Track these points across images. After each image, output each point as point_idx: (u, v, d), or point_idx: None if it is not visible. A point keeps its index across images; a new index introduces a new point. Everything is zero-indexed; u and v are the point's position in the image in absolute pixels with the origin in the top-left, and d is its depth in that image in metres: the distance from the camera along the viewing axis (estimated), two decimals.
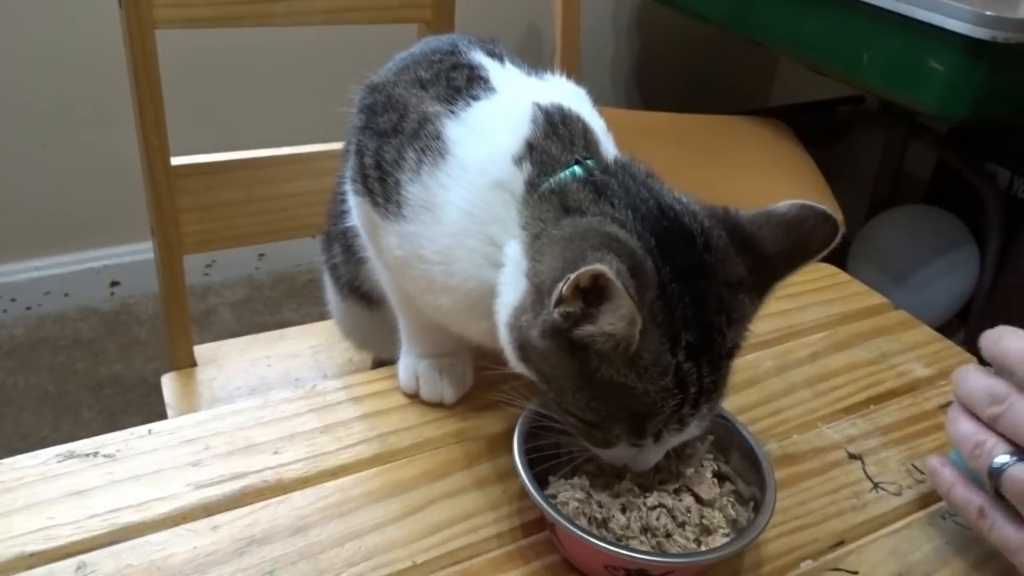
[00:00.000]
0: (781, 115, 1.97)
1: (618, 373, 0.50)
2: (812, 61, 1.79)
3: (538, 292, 0.52)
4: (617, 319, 0.47)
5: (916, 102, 1.56)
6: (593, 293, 0.47)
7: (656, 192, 0.55)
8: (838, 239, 0.53)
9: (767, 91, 2.70)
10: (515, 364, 0.56)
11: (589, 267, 0.45)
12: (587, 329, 0.49)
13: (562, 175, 0.56)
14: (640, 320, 0.47)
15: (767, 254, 0.53)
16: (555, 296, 0.48)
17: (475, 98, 0.61)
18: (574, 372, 0.51)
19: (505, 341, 0.56)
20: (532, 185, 0.56)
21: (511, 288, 0.55)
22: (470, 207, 0.57)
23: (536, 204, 0.56)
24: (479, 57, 0.65)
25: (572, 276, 0.46)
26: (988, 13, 1.32)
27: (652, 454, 0.55)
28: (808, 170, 1.71)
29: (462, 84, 0.62)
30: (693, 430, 0.53)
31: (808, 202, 0.54)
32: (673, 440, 0.54)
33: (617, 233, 0.50)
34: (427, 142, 0.59)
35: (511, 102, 0.61)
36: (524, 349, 0.54)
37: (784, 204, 0.55)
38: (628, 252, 0.48)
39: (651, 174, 0.58)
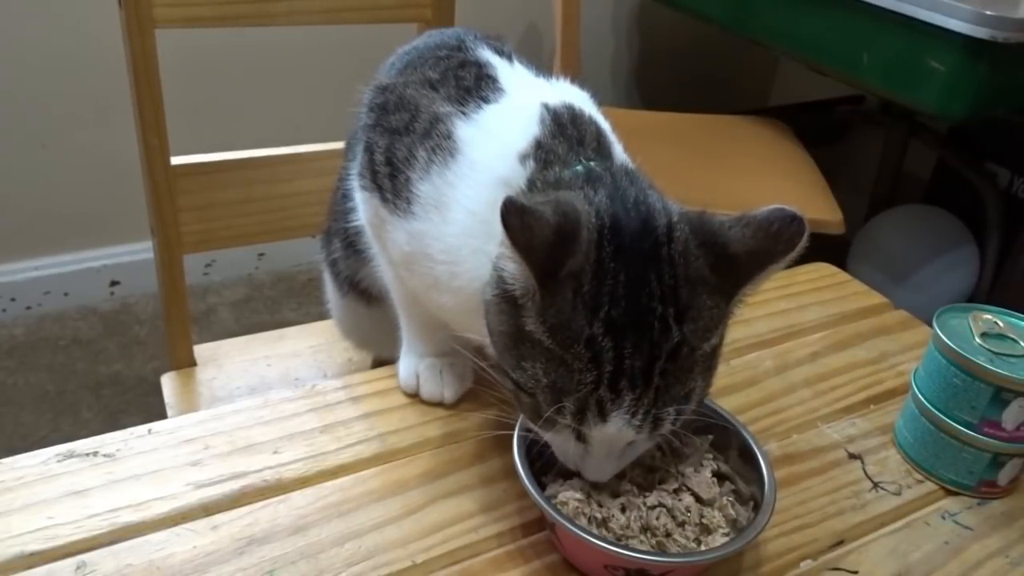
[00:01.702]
0: (781, 115, 1.97)
1: (536, 328, 0.50)
2: (812, 61, 1.79)
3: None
4: (509, 251, 0.48)
5: (916, 102, 1.56)
6: None
7: (641, 188, 0.55)
8: (804, 241, 0.50)
9: (767, 91, 2.70)
10: (487, 340, 0.56)
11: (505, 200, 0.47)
12: (505, 266, 0.50)
13: (564, 172, 0.56)
14: (520, 257, 0.47)
15: (731, 254, 0.51)
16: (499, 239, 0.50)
17: (485, 100, 0.61)
18: (509, 327, 0.51)
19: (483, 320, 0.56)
20: (533, 182, 0.56)
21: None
22: (475, 205, 0.58)
23: (531, 194, 0.56)
24: (487, 54, 0.65)
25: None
26: (988, 13, 1.32)
27: (597, 458, 0.53)
28: (808, 170, 1.71)
29: (471, 84, 0.62)
30: (623, 428, 0.50)
31: (781, 205, 0.52)
32: (597, 432, 0.51)
33: (574, 200, 0.51)
34: (438, 141, 0.59)
35: (521, 103, 0.61)
36: (486, 313, 0.54)
37: (759, 209, 0.52)
38: (571, 215, 0.49)
39: (652, 184, 0.58)
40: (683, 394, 0.51)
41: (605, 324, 0.49)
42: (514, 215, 0.47)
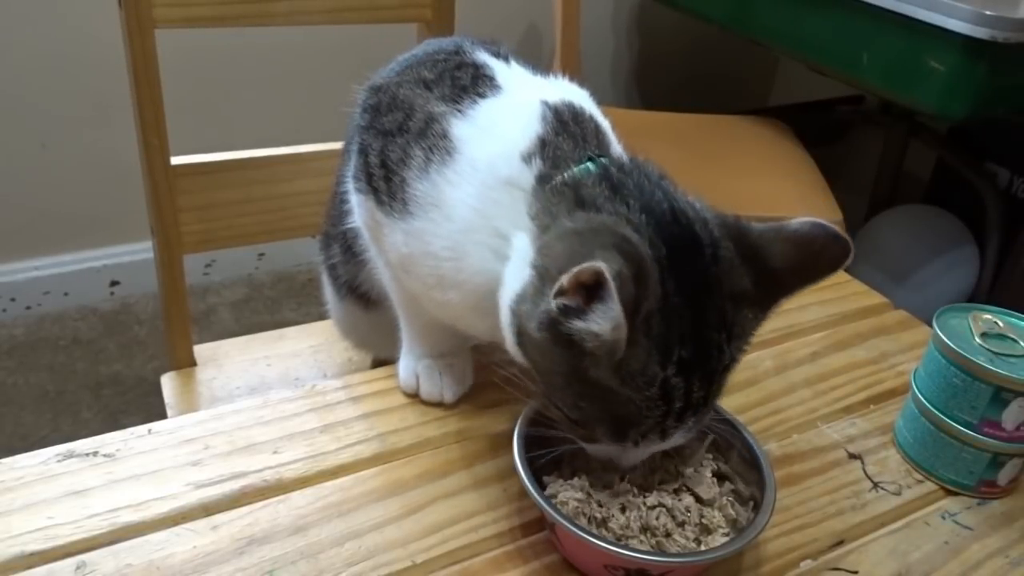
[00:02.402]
0: (781, 115, 1.97)
1: (605, 376, 0.50)
2: (812, 61, 1.79)
3: (541, 282, 0.52)
4: (606, 321, 0.47)
5: (916, 102, 1.56)
6: (592, 291, 0.47)
7: (670, 195, 0.54)
8: (849, 260, 0.52)
9: (767, 91, 2.70)
10: (512, 349, 0.56)
11: (593, 263, 0.45)
12: (578, 325, 0.48)
13: (577, 170, 0.55)
14: (626, 327, 0.46)
15: (774, 269, 0.52)
16: (556, 287, 0.48)
17: (482, 96, 0.61)
18: (565, 368, 0.51)
19: (505, 323, 0.56)
20: (543, 179, 0.56)
21: (515, 277, 0.55)
22: (479, 204, 0.57)
23: (547, 197, 0.55)
24: (484, 57, 0.65)
25: (575, 269, 0.46)
26: (988, 13, 1.32)
27: (639, 454, 0.55)
28: (808, 170, 1.71)
29: (468, 83, 0.62)
30: (677, 439, 0.53)
31: (821, 221, 0.52)
32: (654, 448, 0.53)
33: (630, 236, 0.50)
34: (434, 141, 0.59)
35: (519, 100, 0.61)
36: (521, 336, 0.54)
37: (797, 221, 0.53)
38: (637, 259, 0.48)
39: (664, 175, 0.57)
40: (717, 399, 0.54)
41: (678, 366, 0.50)
42: (627, 290, 0.46)
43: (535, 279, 0.53)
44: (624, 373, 0.49)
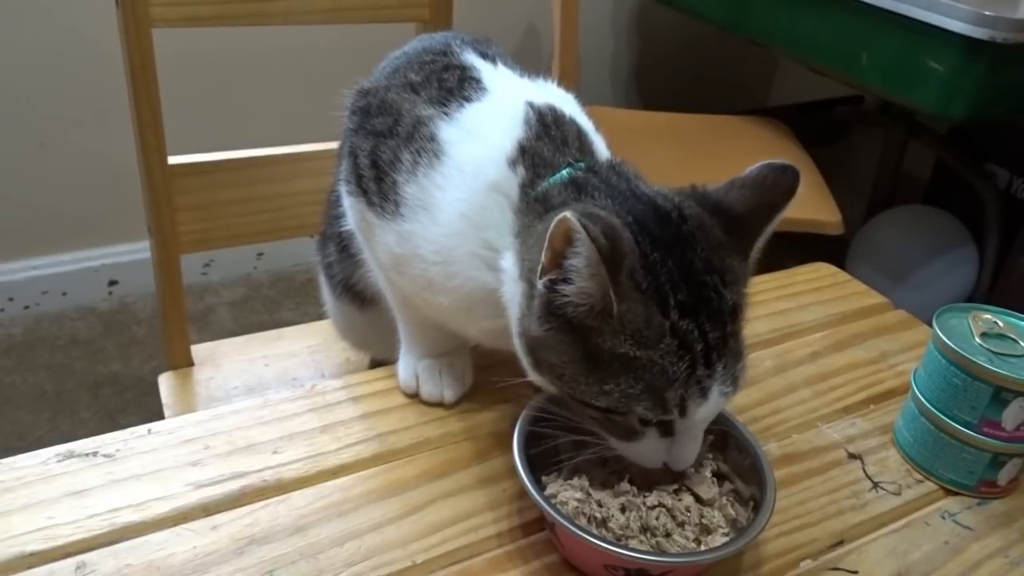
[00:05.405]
0: (781, 115, 1.97)
1: (617, 343, 0.50)
2: (811, 61, 1.79)
3: (530, 285, 0.53)
4: (584, 263, 0.48)
5: (915, 102, 1.56)
6: (567, 255, 0.49)
7: (634, 185, 0.57)
8: (799, 186, 0.55)
9: (767, 91, 2.70)
10: (532, 374, 0.56)
11: (555, 221, 0.48)
12: (567, 290, 0.50)
13: (551, 180, 0.57)
14: (602, 263, 0.48)
15: (739, 214, 0.55)
16: (539, 270, 0.51)
17: (467, 99, 0.61)
18: (580, 354, 0.51)
19: (520, 353, 0.56)
20: (525, 190, 0.57)
21: (514, 302, 0.56)
22: (467, 209, 0.58)
23: (526, 212, 0.57)
24: (471, 58, 0.66)
25: (547, 240, 0.49)
26: (987, 13, 1.32)
27: (686, 444, 0.54)
28: (808, 170, 1.71)
29: (454, 85, 0.62)
30: (718, 399, 0.52)
31: (767, 160, 0.56)
32: (700, 412, 0.52)
33: (595, 210, 0.51)
34: (422, 144, 0.59)
35: (504, 102, 0.61)
36: (534, 351, 0.54)
37: (746, 170, 0.57)
38: (603, 219, 0.49)
39: (638, 175, 0.59)
40: (742, 349, 0.54)
41: (680, 310, 0.50)
42: (599, 229, 0.48)
43: (525, 288, 0.54)
44: (632, 333, 0.50)
